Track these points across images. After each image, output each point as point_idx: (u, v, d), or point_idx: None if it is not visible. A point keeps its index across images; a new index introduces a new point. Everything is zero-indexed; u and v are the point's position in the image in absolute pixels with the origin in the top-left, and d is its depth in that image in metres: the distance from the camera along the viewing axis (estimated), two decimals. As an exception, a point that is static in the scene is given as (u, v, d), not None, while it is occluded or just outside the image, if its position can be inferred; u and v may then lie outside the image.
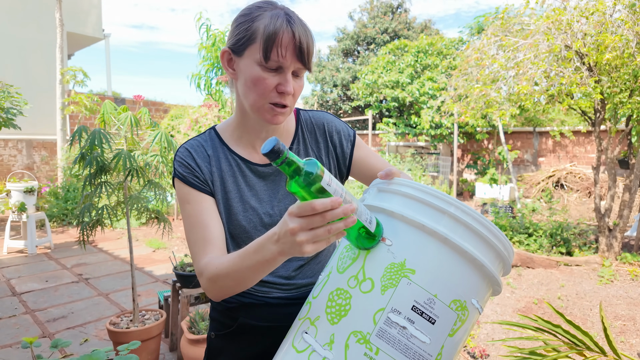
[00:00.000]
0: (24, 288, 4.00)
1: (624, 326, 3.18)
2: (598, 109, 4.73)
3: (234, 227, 0.94)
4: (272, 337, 0.99)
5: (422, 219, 0.64)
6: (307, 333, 0.67)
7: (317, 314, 0.68)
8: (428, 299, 0.61)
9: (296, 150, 0.99)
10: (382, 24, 16.41)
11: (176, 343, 2.77)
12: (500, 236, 0.66)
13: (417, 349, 0.61)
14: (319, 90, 16.77)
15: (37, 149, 8.75)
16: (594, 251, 4.99)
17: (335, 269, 0.70)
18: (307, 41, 0.83)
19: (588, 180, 8.94)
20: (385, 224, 0.67)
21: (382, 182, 0.74)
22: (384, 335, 0.61)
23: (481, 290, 0.66)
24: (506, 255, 0.68)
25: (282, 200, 0.97)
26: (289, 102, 0.87)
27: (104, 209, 2.43)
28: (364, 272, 0.65)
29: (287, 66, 0.83)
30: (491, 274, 0.65)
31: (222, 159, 0.96)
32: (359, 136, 1.13)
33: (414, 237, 0.64)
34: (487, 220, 0.66)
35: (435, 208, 0.65)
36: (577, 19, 4.14)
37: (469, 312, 0.64)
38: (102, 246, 5.67)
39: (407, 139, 11.36)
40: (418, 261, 0.63)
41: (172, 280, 2.77)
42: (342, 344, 0.62)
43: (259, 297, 0.98)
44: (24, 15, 9.32)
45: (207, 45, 4.69)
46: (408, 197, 0.68)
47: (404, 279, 0.62)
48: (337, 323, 0.64)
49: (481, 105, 5.25)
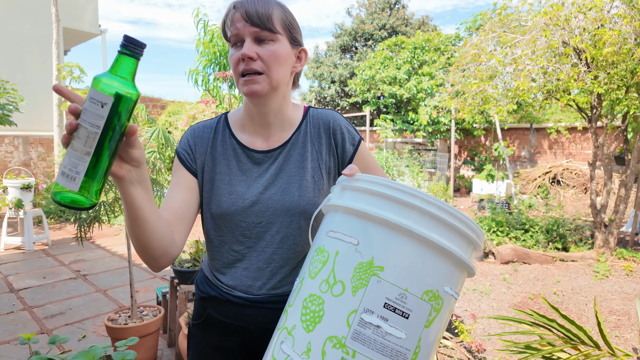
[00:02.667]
0: (22, 284, 4.00)
1: (619, 321, 3.20)
2: (595, 105, 4.74)
3: (216, 207, 0.95)
4: (236, 336, 1.00)
5: (384, 214, 0.63)
6: (284, 343, 0.67)
7: (293, 322, 0.67)
8: (399, 294, 0.61)
9: (294, 141, 0.98)
10: (380, 20, 16.37)
11: (174, 339, 2.78)
12: (466, 220, 0.65)
13: (394, 345, 0.60)
14: (317, 87, 16.74)
15: (33, 145, 8.71)
16: (590, 247, 5.02)
17: (308, 274, 0.69)
18: (255, 6, 0.87)
19: (584, 176, 8.99)
20: (352, 222, 0.67)
21: (345, 179, 0.73)
22: (358, 337, 0.60)
23: (453, 276, 0.65)
24: (475, 239, 0.67)
25: (271, 188, 0.95)
26: (259, 67, 0.88)
27: (101, 206, 2.43)
28: (334, 274, 0.65)
29: (241, 34, 0.88)
30: (461, 259, 0.65)
31: (219, 141, 0.99)
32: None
33: (380, 233, 0.64)
34: (449, 206, 0.65)
35: (396, 201, 0.64)
36: (575, 15, 4.15)
37: (442, 300, 0.64)
38: (99, 243, 5.66)
39: (404, 135, 11.37)
40: (386, 257, 0.62)
41: (170, 276, 2.78)
42: (319, 352, 0.62)
43: (223, 292, 0.98)
44: (20, 10, 9.24)
45: (205, 41, 4.67)
46: (369, 193, 0.67)
47: (373, 277, 0.62)
48: (312, 330, 0.63)
49: (478, 102, 5.25)
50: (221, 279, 0.99)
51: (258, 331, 0.97)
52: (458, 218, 0.65)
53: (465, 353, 2.67)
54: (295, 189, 0.95)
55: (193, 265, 2.67)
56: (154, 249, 0.82)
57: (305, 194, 0.95)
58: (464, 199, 9.80)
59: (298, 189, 0.95)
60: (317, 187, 0.97)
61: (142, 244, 0.80)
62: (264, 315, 0.96)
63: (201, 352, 1.04)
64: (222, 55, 4.76)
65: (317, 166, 0.98)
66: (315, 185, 0.96)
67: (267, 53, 0.88)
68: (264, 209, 0.95)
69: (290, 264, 0.97)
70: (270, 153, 0.97)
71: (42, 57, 9.16)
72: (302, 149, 0.98)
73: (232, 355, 1.02)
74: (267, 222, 0.95)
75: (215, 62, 4.78)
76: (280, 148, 0.97)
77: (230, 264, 0.98)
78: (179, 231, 0.89)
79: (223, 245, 0.98)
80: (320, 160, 0.98)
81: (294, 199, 0.94)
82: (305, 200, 0.94)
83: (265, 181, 0.96)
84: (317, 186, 0.97)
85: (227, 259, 0.98)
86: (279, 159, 0.97)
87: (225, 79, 4.26)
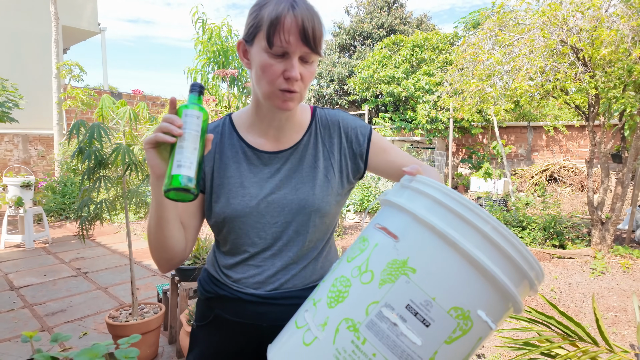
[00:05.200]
0: (22, 282, 4.01)
1: (616, 317, 3.23)
2: (592, 103, 4.77)
3: (230, 210, 0.95)
4: (244, 335, 0.99)
5: (432, 220, 0.63)
6: (307, 311, 0.71)
7: (320, 296, 0.71)
8: (425, 301, 0.60)
9: (306, 143, 0.99)
10: (379, 19, 16.35)
11: (175, 336, 2.80)
12: (526, 253, 0.63)
13: (406, 348, 0.60)
14: (316, 85, 16.73)
15: (33, 143, 8.69)
16: (587, 244, 5.06)
17: (346, 258, 0.72)
18: (313, 25, 0.82)
19: (581, 174, 9.02)
20: (399, 219, 0.68)
21: (406, 179, 0.74)
22: (373, 327, 0.61)
23: (491, 303, 0.62)
24: (529, 274, 0.63)
25: (284, 187, 0.96)
26: (298, 88, 0.86)
27: (102, 204, 2.44)
28: (368, 263, 0.66)
29: (292, 51, 0.83)
30: (505, 288, 0.61)
31: (228, 145, 0.98)
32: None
33: (422, 236, 0.64)
34: (509, 232, 0.62)
35: (447, 208, 0.64)
36: (573, 14, 4.17)
37: (472, 322, 0.61)
38: (100, 240, 5.66)
39: (403, 133, 11.38)
40: (421, 261, 0.62)
41: (171, 273, 2.79)
42: (333, 328, 0.64)
43: (234, 290, 0.98)
44: (19, 8, 9.21)
45: (204, 40, 4.68)
46: (424, 196, 0.67)
47: (402, 277, 0.62)
48: (333, 307, 0.66)
49: (477, 100, 5.27)
50: (232, 276, 0.98)
51: (269, 329, 0.94)
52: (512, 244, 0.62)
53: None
54: (309, 187, 0.95)
55: (194, 262, 2.69)
56: (169, 251, 0.89)
57: (319, 192, 0.96)
58: (462, 197, 9.82)
59: (312, 188, 0.95)
60: (330, 185, 0.98)
61: (161, 245, 0.88)
62: (278, 312, 0.95)
63: (205, 354, 1.03)
64: (221, 54, 4.76)
65: (330, 165, 0.99)
66: (329, 184, 0.97)
67: (309, 75, 0.87)
68: (279, 208, 0.95)
69: (304, 261, 0.98)
70: (281, 153, 0.97)
71: (42, 55, 9.14)
72: (314, 149, 0.99)
73: (239, 357, 1.01)
74: (283, 221, 0.95)
75: (214, 60, 4.79)
76: (292, 149, 0.98)
77: (243, 262, 0.98)
78: (187, 239, 0.96)
79: (237, 247, 0.97)
80: (333, 160, 0.99)
81: (309, 197, 0.95)
82: (319, 199, 0.95)
83: (277, 181, 0.96)
84: (330, 185, 0.98)
85: (239, 258, 0.98)
86: (290, 159, 0.97)
87: (225, 77, 4.27)
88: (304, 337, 0.67)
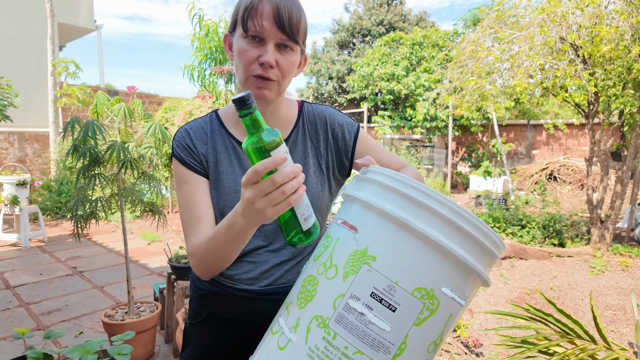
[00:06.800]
0: (18, 281, 3.99)
1: (615, 315, 3.22)
2: (592, 101, 4.75)
3: (225, 208, 0.94)
4: (237, 332, 0.99)
5: (382, 204, 0.64)
6: (281, 316, 0.71)
7: (291, 299, 0.71)
8: (388, 286, 0.61)
9: (294, 139, 0.98)
10: (378, 16, 16.33)
11: (172, 335, 2.78)
12: (481, 226, 0.63)
13: (376, 335, 0.60)
14: (314, 83, 16.71)
15: (29, 141, 8.65)
16: (586, 242, 5.05)
17: (312, 257, 0.73)
18: (289, 11, 0.81)
19: (581, 172, 9.01)
20: (355, 211, 0.68)
21: (362, 171, 0.75)
22: (342, 320, 0.61)
23: (454, 279, 0.62)
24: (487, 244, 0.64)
25: None
26: (274, 76, 0.85)
27: (98, 202, 2.42)
28: (331, 259, 0.67)
29: (267, 36, 0.82)
30: (464, 262, 0.61)
31: (218, 140, 0.97)
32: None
33: (376, 223, 0.64)
34: (458, 206, 0.62)
35: (396, 192, 0.64)
36: (572, 11, 4.14)
37: (439, 301, 0.61)
38: (96, 239, 5.64)
39: (402, 131, 11.37)
40: (379, 248, 0.63)
41: (167, 272, 2.77)
42: (305, 328, 0.64)
43: (226, 287, 0.98)
44: (14, 5, 9.16)
45: (201, 36, 4.65)
46: (372, 183, 0.68)
47: (364, 266, 0.62)
48: (303, 308, 0.66)
49: (476, 98, 5.25)
50: (225, 273, 0.98)
51: (263, 325, 0.93)
52: (466, 219, 0.62)
53: (462, 348, 2.68)
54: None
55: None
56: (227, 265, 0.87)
57: (311, 188, 0.96)
58: (461, 195, 9.82)
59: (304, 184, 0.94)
60: (319, 182, 0.98)
61: (226, 262, 0.85)
62: (272, 307, 0.93)
63: (198, 352, 1.02)
64: (218, 51, 4.74)
65: (317, 162, 0.99)
66: (318, 181, 0.98)
67: (286, 63, 0.86)
68: None
69: (298, 257, 0.99)
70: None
71: (37, 52, 9.09)
72: (302, 145, 0.99)
73: (231, 354, 1.00)
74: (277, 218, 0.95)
75: (211, 57, 4.76)
76: None
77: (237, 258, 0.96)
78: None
79: None
80: (320, 156, 1.00)
81: None
82: (312, 195, 0.95)
83: None
84: (319, 181, 0.98)
85: None
86: None
87: (222, 74, 4.24)
88: (279, 342, 0.67)
